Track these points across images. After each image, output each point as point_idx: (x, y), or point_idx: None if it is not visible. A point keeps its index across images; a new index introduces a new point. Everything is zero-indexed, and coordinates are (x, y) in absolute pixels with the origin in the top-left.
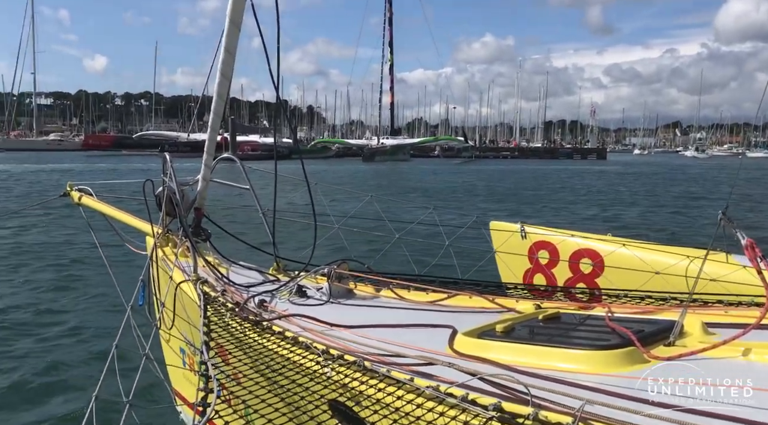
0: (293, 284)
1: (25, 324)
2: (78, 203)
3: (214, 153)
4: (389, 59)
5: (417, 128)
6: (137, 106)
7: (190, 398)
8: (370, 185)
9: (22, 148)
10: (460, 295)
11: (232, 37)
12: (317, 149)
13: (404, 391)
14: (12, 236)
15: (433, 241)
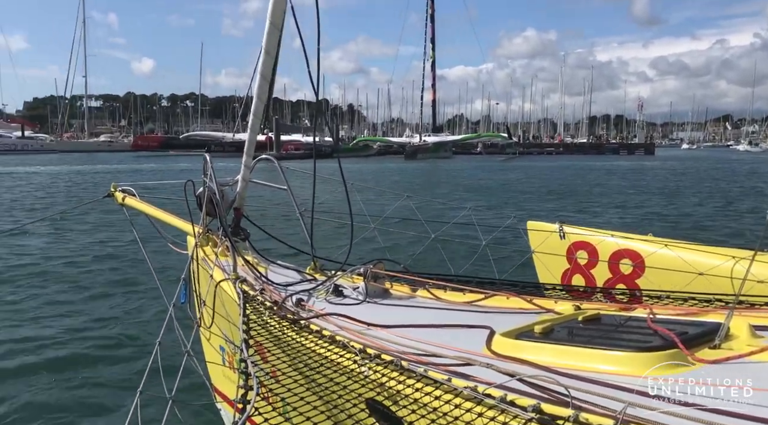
0: (330, 284)
1: (72, 319)
2: (122, 204)
3: (256, 153)
4: (431, 56)
5: (458, 124)
6: (183, 107)
7: (229, 395)
8: (412, 183)
9: (75, 149)
10: (498, 296)
11: (272, 38)
12: (359, 148)
13: (442, 391)
14: (59, 235)
15: (470, 241)
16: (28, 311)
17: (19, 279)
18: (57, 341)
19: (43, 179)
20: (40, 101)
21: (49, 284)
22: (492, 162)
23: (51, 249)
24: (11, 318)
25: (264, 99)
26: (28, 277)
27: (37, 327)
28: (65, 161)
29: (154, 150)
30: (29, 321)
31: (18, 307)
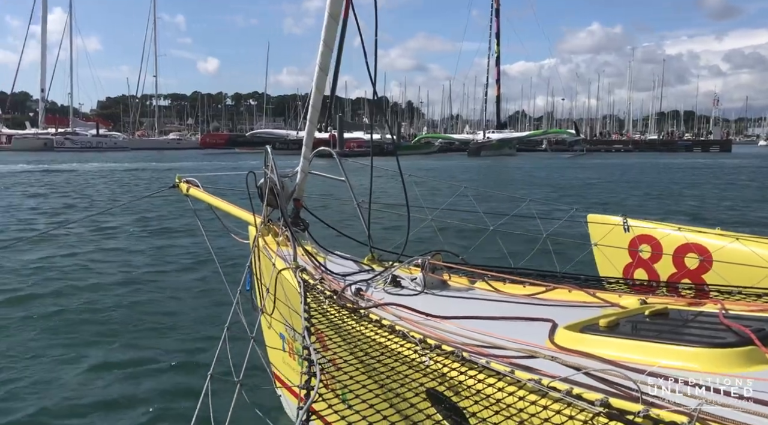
0: (388, 274)
1: (142, 304)
2: (186, 194)
3: (317, 148)
4: (496, 51)
5: (520, 121)
6: (246, 105)
7: (288, 381)
8: (478, 182)
9: (146, 147)
10: (559, 289)
11: (330, 31)
12: (420, 145)
13: (504, 383)
14: (129, 225)
15: (530, 233)
16: (101, 291)
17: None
18: (125, 326)
19: (121, 176)
20: (113, 100)
21: (118, 270)
22: (559, 160)
23: (120, 237)
24: (86, 305)
25: (323, 91)
26: (97, 261)
27: (106, 313)
28: (138, 159)
29: (220, 147)
30: (101, 304)
31: (85, 289)
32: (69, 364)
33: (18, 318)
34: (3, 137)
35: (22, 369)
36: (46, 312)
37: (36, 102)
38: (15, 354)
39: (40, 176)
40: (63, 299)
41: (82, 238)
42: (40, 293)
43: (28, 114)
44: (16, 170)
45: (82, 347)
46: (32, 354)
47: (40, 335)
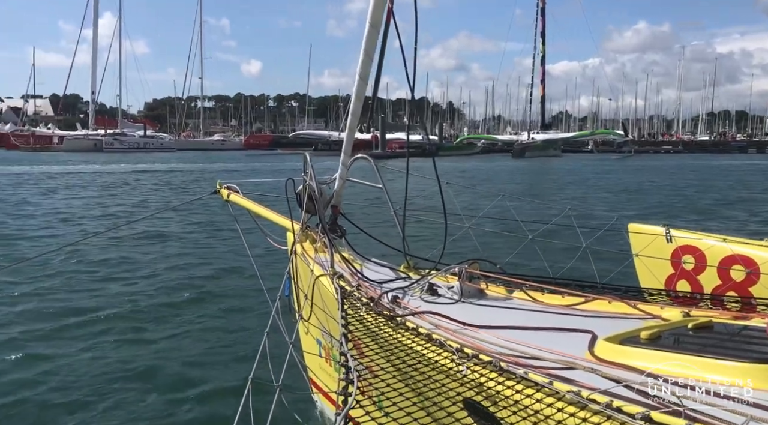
0: (424, 282)
1: (182, 307)
2: (226, 200)
3: (360, 152)
4: (541, 51)
5: (563, 122)
6: (288, 107)
7: (324, 387)
8: (527, 185)
9: (191, 148)
10: (599, 299)
11: (371, 40)
12: (462, 146)
13: (543, 394)
14: (170, 229)
15: (570, 242)
16: (140, 294)
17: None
18: (167, 329)
19: (171, 177)
20: (159, 102)
21: (158, 276)
22: (608, 161)
23: (161, 241)
24: (127, 307)
25: (362, 99)
26: (143, 263)
27: (147, 317)
28: (184, 159)
29: (264, 148)
30: (140, 307)
31: (126, 292)
32: (109, 363)
33: (54, 321)
34: (55, 138)
35: (66, 368)
36: (84, 314)
37: (86, 104)
38: (57, 355)
39: (92, 177)
40: (102, 300)
41: (123, 241)
42: (78, 297)
43: (78, 116)
44: (69, 170)
45: (120, 347)
46: (74, 355)
47: (79, 335)
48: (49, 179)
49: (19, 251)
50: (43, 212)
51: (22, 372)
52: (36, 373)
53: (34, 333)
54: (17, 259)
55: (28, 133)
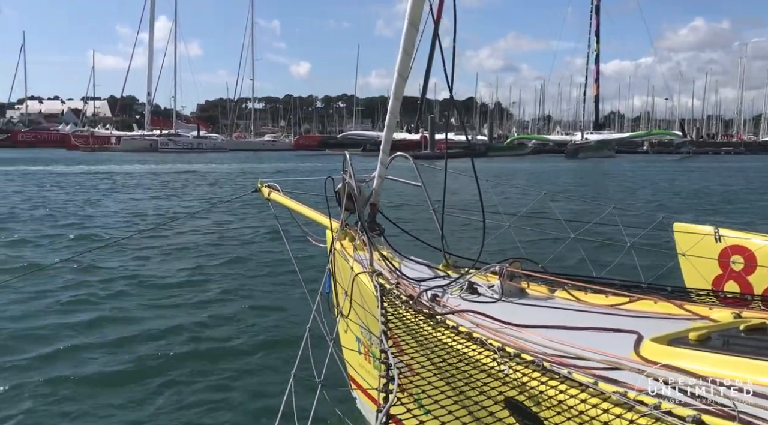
0: (464, 281)
1: (224, 302)
2: (267, 199)
3: (409, 152)
4: (595, 50)
5: (615, 122)
6: (336, 108)
7: (363, 384)
8: (585, 188)
9: (243, 148)
10: (644, 300)
11: (410, 37)
12: (513, 146)
13: (588, 395)
14: (214, 227)
15: (613, 242)
16: (182, 290)
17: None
18: (211, 325)
19: (225, 177)
20: (211, 103)
21: (202, 271)
22: (666, 163)
23: (204, 238)
24: (171, 302)
25: (400, 97)
26: (184, 258)
27: (191, 312)
28: (237, 159)
29: (313, 149)
30: (185, 304)
31: (170, 289)
32: (159, 359)
33: (99, 321)
34: (113, 138)
35: (122, 369)
36: (131, 311)
37: (141, 105)
38: (113, 353)
39: (153, 178)
40: (149, 295)
41: (164, 241)
42: (125, 295)
43: (134, 117)
44: (131, 170)
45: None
46: (125, 356)
47: (127, 333)
48: (116, 177)
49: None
50: (114, 210)
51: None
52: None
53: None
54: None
55: (87, 133)
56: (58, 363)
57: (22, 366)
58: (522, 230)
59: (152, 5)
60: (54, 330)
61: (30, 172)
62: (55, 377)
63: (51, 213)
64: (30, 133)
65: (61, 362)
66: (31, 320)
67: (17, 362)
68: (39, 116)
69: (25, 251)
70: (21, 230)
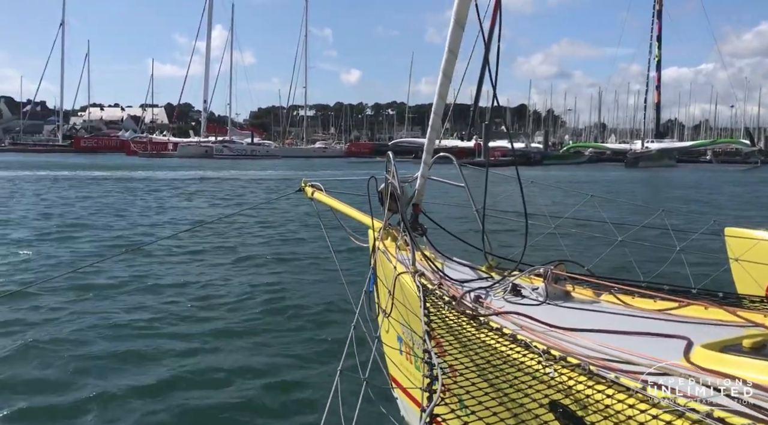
0: (508, 283)
1: (268, 301)
2: (310, 198)
3: (464, 160)
4: (657, 55)
5: (676, 130)
6: (386, 115)
7: (405, 384)
8: (647, 199)
9: (295, 155)
10: (694, 305)
11: (455, 37)
12: (569, 154)
13: (636, 400)
14: (259, 225)
15: (662, 246)
16: (228, 290)
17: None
18: (259, 322)
19: (277, 184)
20: (264, 111)
21: (248, 270)
22: (734, 173)
23: (253, 237)
24: (221, 302)
25: (445, 97)
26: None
27: (238, 312)
28: (289, 166)
29: (364, 156)
30: (227, 303)
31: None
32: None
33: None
34: (170, 144)
35: (169, 362)
36: (176, 309)
37: (196, 112)
38: (167, 349)
39: (214, 184)
40: (197, 293)
41: (220, 235)
42: (174, 291)
43: (190, 123)
44: (187, 176)
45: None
46: (176, 351)
47: (176, 329)
48: (176, 183)
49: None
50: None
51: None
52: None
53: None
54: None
55: (146, 140)
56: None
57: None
58: (567, 233)
59: (209, 15)
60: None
61: (103, 177)
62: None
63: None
64: (92, 139)
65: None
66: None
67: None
68: (100, 122)
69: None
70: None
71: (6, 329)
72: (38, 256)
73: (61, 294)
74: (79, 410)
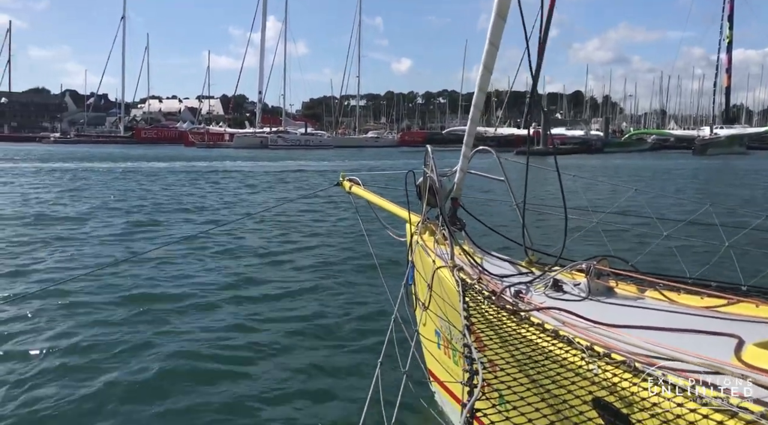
0: (549, 278)
1: (306, 289)
2: (348, 192)
3: (521, 148)
4: (728, 36)
5: (743, 115)
6: (437, 104)
7: (442, 377)
8: (729, 193)
9: (347, 145)
10: (744, 302)
11: (497, 30)
12: (631, 142)
13: (684, 398)
14: (297, 218)
15: (710, 241)
16: (271, 283)
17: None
18: (302, 314)
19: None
20: (316, 101)
21: (290, 263)
22: None
23: (293, 230)
24: (264, 292)
25: (485, 90)
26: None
27: (277, 303)
28: (342, 156)
29: (417, 145)
30: (269, 295)
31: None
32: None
33: (199, 307)
34: (226, 135)
35: (216, 358)
36: (221, 298)
37: (251, 103)
38: (212, 342)
39: (273, 175)
40: (237, 286)
41: (256, 229)
42: (217, 283)
43: (244, 114)
44: (249, 168)
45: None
46: (223, 342)
47: (223, 323)
48: (244, 175)
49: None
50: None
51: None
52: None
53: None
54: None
55: (203, 131)
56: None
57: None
58: (610, 228)
59: (264, 7)
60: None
61: (171, 169)
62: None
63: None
64: (152, 130)
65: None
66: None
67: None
68: (159, 114)
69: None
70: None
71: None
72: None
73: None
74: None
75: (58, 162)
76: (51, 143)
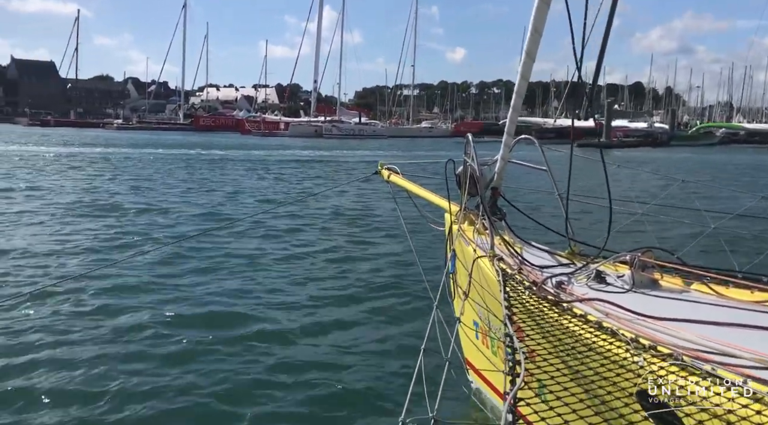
0: (592, 269)
1: (346, 278)
2: (387, 181)
3: (582, 140)
4: None
5: None
6: (492, 93)
7: (480, 366)
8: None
9: (400, 135)
10: None
11: (540, 15)
12: (698, 135)
13: (736, 393)
14: (336, 206)
15: (760, 234)
16: (312, 270)
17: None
18: (348, 301)
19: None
20: (368, 91)
21: (329, 251)
22: None
23: (337, 218)
24: (304, 279)
25: (528, 78)
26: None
27: (321, 288)
28: (396, 147)
29: (473, 135)
30: (313, 280)
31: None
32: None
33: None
34: (282, 124)
35: (273, 349)
36: (265, 287)
37: (305, 92)
38: (266, 334)
39: (336, 165)
40: (284, 269)
41: (295, 218)
42: (258, 273)
43: (299, 103)
44: (309, 156)
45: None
46: (279, 332)
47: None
48: (307, 164)
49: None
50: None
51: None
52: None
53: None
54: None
55: (259, 119)
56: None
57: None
58: (656, 220)
59: None
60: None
61: (234, 157)
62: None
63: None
64: (210, 118)
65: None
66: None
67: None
68: (216, 102)
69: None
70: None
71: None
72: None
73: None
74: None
75: (150, 148)
76: (114, 129)
